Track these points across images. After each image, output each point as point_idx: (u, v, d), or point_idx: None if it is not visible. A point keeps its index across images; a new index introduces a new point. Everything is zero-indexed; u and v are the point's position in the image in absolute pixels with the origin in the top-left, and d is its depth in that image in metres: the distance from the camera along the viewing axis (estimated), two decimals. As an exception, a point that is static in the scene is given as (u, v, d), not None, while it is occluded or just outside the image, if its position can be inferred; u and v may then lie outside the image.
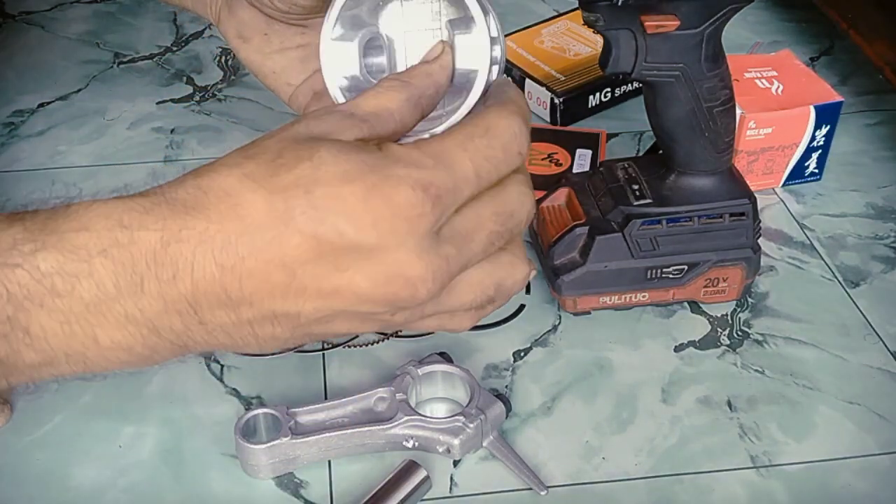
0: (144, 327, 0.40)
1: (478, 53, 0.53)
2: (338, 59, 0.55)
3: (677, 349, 0.67)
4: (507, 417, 0.60)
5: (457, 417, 0.58)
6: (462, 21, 0.54)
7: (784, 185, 0.81)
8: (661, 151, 0.67)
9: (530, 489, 0.57)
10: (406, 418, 0.58)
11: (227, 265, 0.39)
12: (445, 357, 0.62)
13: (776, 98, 0.78)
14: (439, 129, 0.54)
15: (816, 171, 0.81)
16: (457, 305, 0.45)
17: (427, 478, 0.56)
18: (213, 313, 0.40)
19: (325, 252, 0.39)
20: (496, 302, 0.47)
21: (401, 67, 0.56)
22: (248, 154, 0.41)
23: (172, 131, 0.88)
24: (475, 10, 0.52)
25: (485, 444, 0.59)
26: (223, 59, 0.98)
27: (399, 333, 0.67)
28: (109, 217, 0.39)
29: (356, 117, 0.43)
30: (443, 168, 0.41)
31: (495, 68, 0.53)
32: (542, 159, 0.81)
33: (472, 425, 0.57)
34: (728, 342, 0.67)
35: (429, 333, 0.67)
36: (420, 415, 0.58)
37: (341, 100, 0.55)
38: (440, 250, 0.41)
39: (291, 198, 0.39)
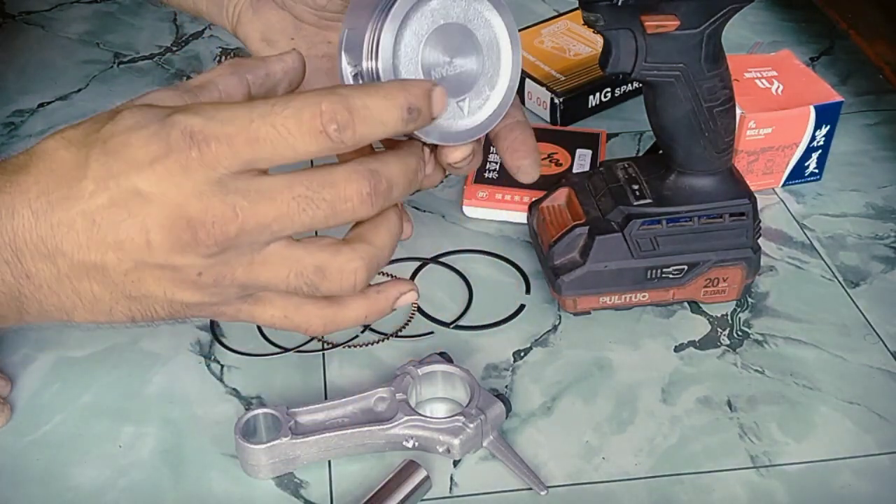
0: None
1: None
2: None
3: (677, 349, 0.67)
4: (507, 417, 0.60)
5: (457, 417, 0.58)
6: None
7: (784, 185, 0.81)
8: (661, 151, 0.67)
9: (530, 489, 0.57)
10: (406, 418, 0.58)
11: (40, 212, 0.42)
12: (445, 357, 0.62)
13: (776, 98, 0.78)
14: (473, 137, 0.53)
15: (816, 171, 0.81)
16: (273, 280, 0.45)
17: (427, 478, 0.56)
18: (35, 264, 0.43)
19: (116, 198, 0.42)
20: (321, 290, 0.46)
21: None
22: (75, 124, 0.45)
23: (172, 131, 0.87)
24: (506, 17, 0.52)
25: (485, 444, 0.59)
26: (223, 59, 0.98)
27: (399, 333, 0.67)
28: None
29: (180, 89, 0.46)
30: (216, 120, 0.42)
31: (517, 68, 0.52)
32: (542, 159, 0.80)
33: (472, 425, 0.57)
34: (728, 342, 0.67)
35: (428, 333, 0.67)
36: (420, 415, 0.58)
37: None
38: (225, 197, 0.42)
39: (91, 150, 0.42)
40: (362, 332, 0.67)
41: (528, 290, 0.71)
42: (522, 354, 0.66)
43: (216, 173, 0.42)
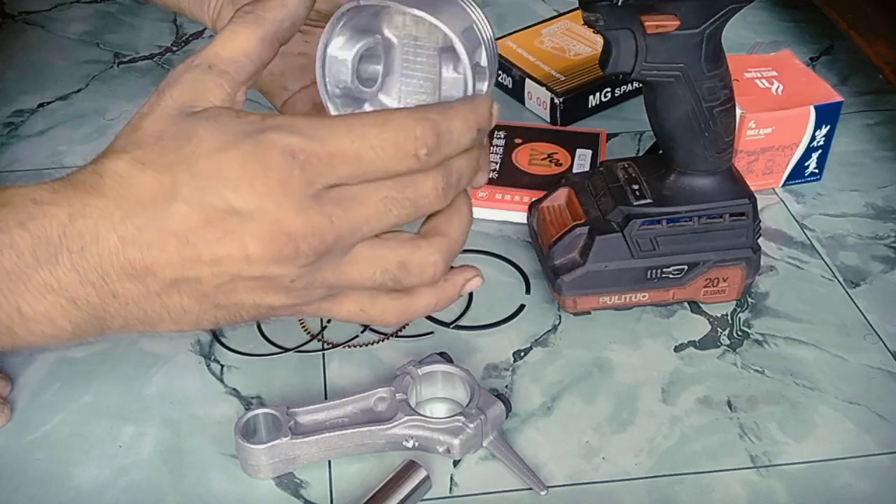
0: (63, 298, 0.42)
1: (459, 91, 0.55)
2: (333, 70, 0.56)
3: (677, 349, 0.67)
4: (507, 417, 0.60)
5: (457, 418, 0.58)
6: (451, 53, 0.55)
7: (784, 185, 0.81)
8: (661, 151, 0.67)
9: (530, 489, 0.57)
10: (406, 418, 0.58)
11: (127, 237, 0.42)
12: (445, 357, 0.62)
13: (776, 98, 0.78)
14: None
15: (816, 171, 0.81)
16: (359, 279, 0.46)
17: (427, 478, 0.56)
18: (122, 285, 0.43)
19: (212, 218, 0.42)
20: (404, 284, 0.47)
21: (395, 77, 0.57)
22: (133, 140, 0.44)
23: (172, 131, 0.87)
24: (460, 50, 0.53)
25: (485, 443, 0.59)
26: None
27: (399, 333, 0.67)
28: (24, 196, 0.43)
29: (215, 70, 0.46)
30: (317, 140, 0.43)
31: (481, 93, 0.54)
32: (542, 159, 0.81)
33: (472, 425, 0.57)
34: (728, 342, 0.67)
35: (428, 333, 0.67)
36: (420, 415, 0.58)
37: (332, 110, 0.56)
38: (322, 209, 0.43)
39: (177, 173, 0.42)
40: (362, 332, 0.68)
41: (528, 290, 0.71)
42: (522, 354, 0.66)
43: (313, 189, 0.43)
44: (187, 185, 0.42)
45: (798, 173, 0.81)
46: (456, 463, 0.59)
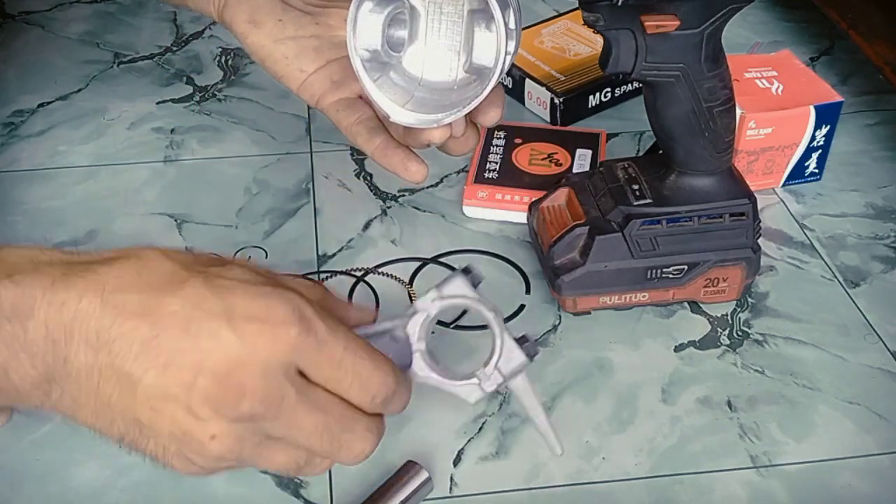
0: (24, 351, 0.41)
1: (493, 52, 0.54)
2: (364, 33, 0.56)
3: (677, 349, 0.67)
4: (532, 360, 0.54)
5: (472, 381, 0.52)
6: (483, 15, 0.55)
7: (784, 185, 0.81)
8: (661, 151, 0.67)
9: (530, 489, 0.57)
10: (419, 374, 0.52)
11: (110, 306, 0.41)
12: (471, 277, 0.55)
13: (776, 98, 0.78)
14: (447, 120, 0.55)
15: (816, 171, 0.81)
16: (271, 465, 0.46)
17: (429, 479, 0.56)
18: (77, 350, 0.41)
19: (193, 329, 0.41)
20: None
21: (419, 41, 0.57)
22: (176, 250, 0.44)
23: (172, 131, 0.88)
24: (496, 12, 0.53)
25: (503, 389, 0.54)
26: (223, 59, 0.98)
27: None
28: (23, 254, 0.43)
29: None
30: (327, 327, 0.44)
31: (509, 60, 0.54)
32: (542, 159, 0.81)
33: (488, 389, 0.52)
34: (728, 342, 0.67)
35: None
36: (434, 371, 0.52)
37: (363, 74, 0.56)
38: (282, 384, 0.43)
39: (193, 276, 0.42)
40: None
41: (528, 290, 0.71)
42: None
43: (291, 361, 0.42)
44: (193, 288, 0.42)
45: (798, 173, 0.81)
46: (456, 463, 0.59)
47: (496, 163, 0.80)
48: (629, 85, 0.91)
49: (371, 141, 0.63)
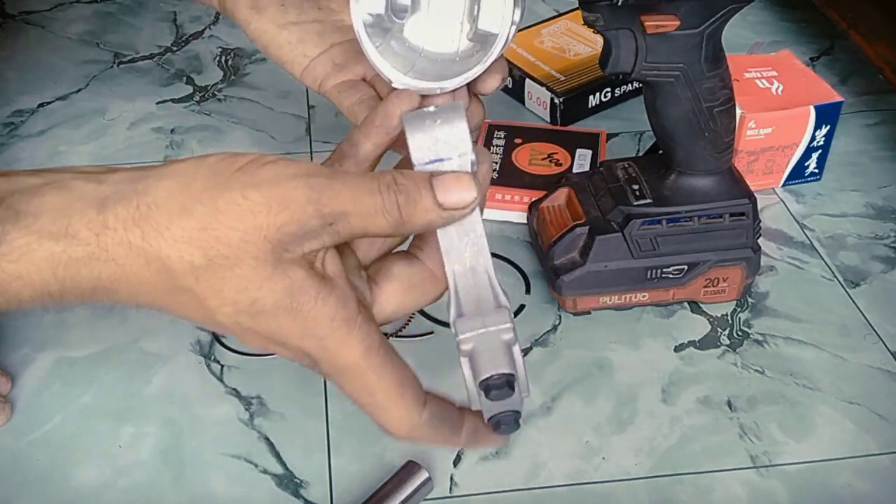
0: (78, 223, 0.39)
1: (499, 17, 0.55)
2: None
3: (677, 349, 0.67)
4: None
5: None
6: None
7: (784, 184, 0.81)
8: (661, 151, 0.67)
9: (530, 489, 0.57)
10: None
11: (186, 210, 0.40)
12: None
13: (776, 98, 0.78)
14: (451, 86, 0.55)
15: (816, 171, 0.81)
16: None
17: (429, 479, 0.56)
18: (117, 215, 0.40)
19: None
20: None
21: (423, 10, 0.57)
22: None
23: (172, 131, 0.88)
24: None
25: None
26: (223, 59, 0.98)
27: (399, 333, 0.67)
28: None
29: (324, 218, 0.41)
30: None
31: (514, 29, 0.54)
32: (542, 159, 0.81)
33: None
34: (728, 342, 0.67)
35: (428, 333, 0.67)
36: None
37: (365, 38, 0.56)
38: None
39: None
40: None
41: (528, 290, 0.71)
42: (523, 354, 0.66)
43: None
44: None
45: (798, 173, 0.81)
46: (456, 463, 0.59)
47: (496, 163, 0.80)
48: (629, 85, 0.91)
49: None
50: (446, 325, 0.68)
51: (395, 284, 0.46)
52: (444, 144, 0.43)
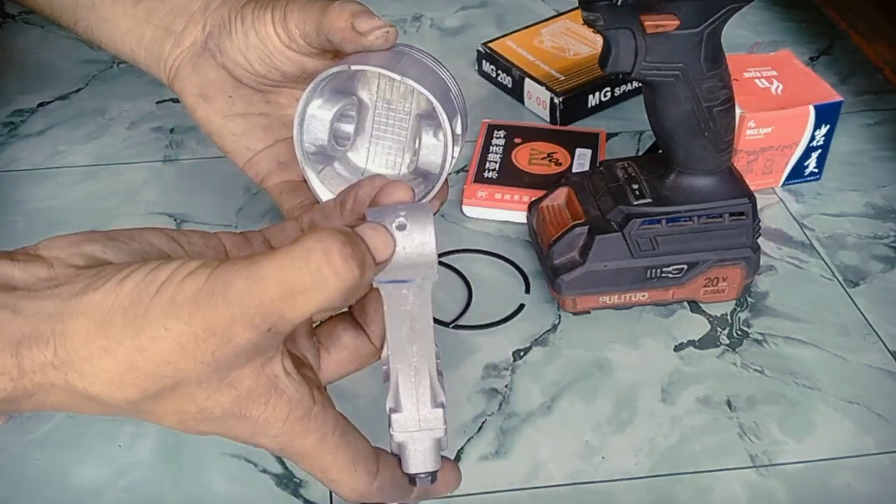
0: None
1: (439, 158, 0.57)
2: (311, 129, 0.58)
3: (677, 349, 0.67)
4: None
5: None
6: (430, 121, 0.58)
7: (784, 184, 0.81)
8: (660, 151, 0.67)
9: (530, 489, 0.57)
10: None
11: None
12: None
13: (776, 98, 0.78)
14: None
15: (816, 170, 0.81)
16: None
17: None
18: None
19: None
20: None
21: (366, 135, 0.61)
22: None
23: (172, 131, 0.88)
24: (444, 122, 0.55)
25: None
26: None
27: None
28: None
29: (257, 328, 0.38)
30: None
31: (453, 162, 0.57)
32: (542, 159, 0.81)
33: None
34: (728, 342, 0.67)
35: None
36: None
37: (307, 167, 0.58)
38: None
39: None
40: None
41: (527, 290, 0.71)
42: (522, 354, 0.66)
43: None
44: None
45: (798, 173, 0.81)
46: (455, 462, 0.59)
47: (496, 162, 0.80)
48: (629, 85, 0.91)
49: None
50: (446, 324, 0.68)
51: (343, 354, 0.45)
52: (412, 267, 0.40)
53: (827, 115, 0.78)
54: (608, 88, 0.89)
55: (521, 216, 0.76)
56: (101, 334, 0.37)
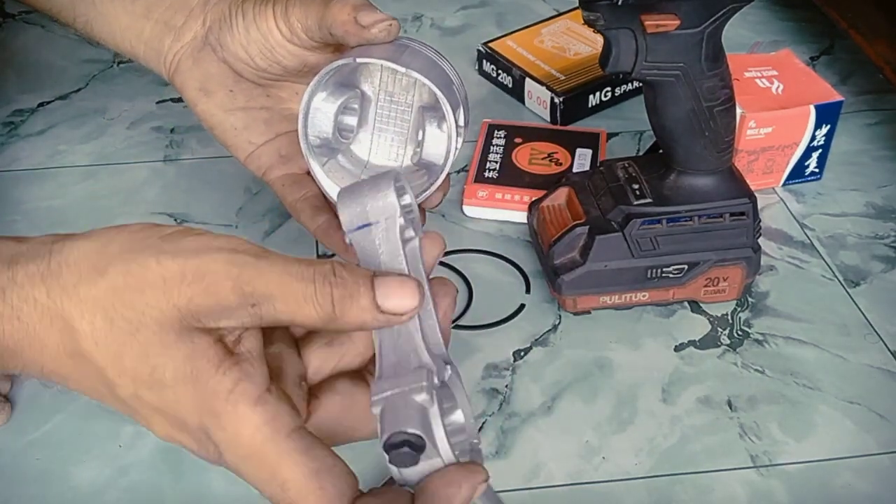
0: None
1: (443, 150, 0.57)
2: (316, 122, 0.58)
3: (677, 349, 0.67)
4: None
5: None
6: (434, 112, 0.58)
7: (784, 184, 0.81)
8: (661, 151, 0.67)
9: (530, 489, 0.57)
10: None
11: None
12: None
13: (776, 97, 0.78)
14: None
15: (816, 170, 0.81)
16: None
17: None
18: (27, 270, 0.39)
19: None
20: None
21: (368, 127, 0.61)
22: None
23: (172, 130, 0.88)
24: (448, 113, 0.55)
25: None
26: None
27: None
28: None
29: (244, 297, 0.39)
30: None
31: (456, 153, 0.56)
32: (542, 159, 0.81)
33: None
34: (728, 342, 0.67)
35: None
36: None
37: (312, 160, 0.58)
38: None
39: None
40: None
41: (528, 290, 0.71)
42: (522, 354, 0.66)
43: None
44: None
45: (798, 173, 0.81)
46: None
47: (496, 162, 0.80)
48: (629, 84, 0.91)
49: (314, 219, 0.62)
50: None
51: (336, 400, 0.42)
52: (373, 210, 0.41)
53: (827, 114, 0.78)
54: (608, 88, 0.89)
55: (521, 216, 0.76)
56: (97, 254, 0.38)
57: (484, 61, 0.94)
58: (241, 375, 0.38)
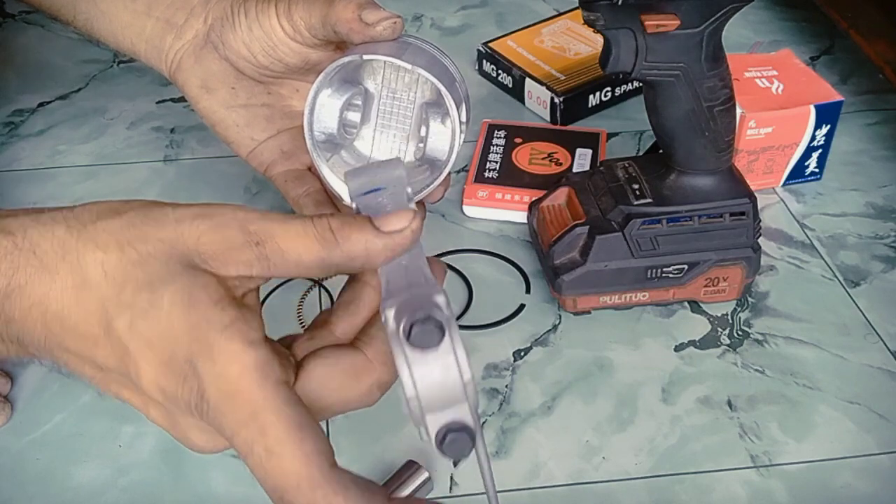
0: None
1: (446, 146, 0.57)
2: (321, 118, 0.58)
3: (677, 349, 0.67)
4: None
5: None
6: (437, 108, 0.58)
7: (784, 184, 0.81)
8: (661, 151, 0.67)
9: (530, 489, 0.57)
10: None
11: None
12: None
13: (776, 97, 0.78)
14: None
15: (817, 170, 0.81)
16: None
17: (429, 479, 0.56)
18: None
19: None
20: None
21: (371, 123, 0.61)
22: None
23: (172, 130, 0.88)
24: (451, 109, 0.55)
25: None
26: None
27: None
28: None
29: (249, 235, 0.41)
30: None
31: (458, 150, 0.57)
32: (542, 159, 0.81)
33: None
34: (728, 342, 0.67)
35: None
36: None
37: (316, 156, 0.58)
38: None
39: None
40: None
41: (528, 290, 0.71)
42: (522, 354, 0.66)
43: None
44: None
45: (798, 173, 0.81)
46: (456, 463, 0.59)
47: (496, 162, 0.80)
48: (629, 84, 0.91)
49: None
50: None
51: (321, 365, 0.41)
52: (381, 177, 0.44)
53: (827, 114, 0.78)
54: (608, 88, 0.89)
55: (521, 216, 0.76)
56: (118, 204, 0.41)
57: (484, 61, 0.94)
58: (238, 315, 0.39)
